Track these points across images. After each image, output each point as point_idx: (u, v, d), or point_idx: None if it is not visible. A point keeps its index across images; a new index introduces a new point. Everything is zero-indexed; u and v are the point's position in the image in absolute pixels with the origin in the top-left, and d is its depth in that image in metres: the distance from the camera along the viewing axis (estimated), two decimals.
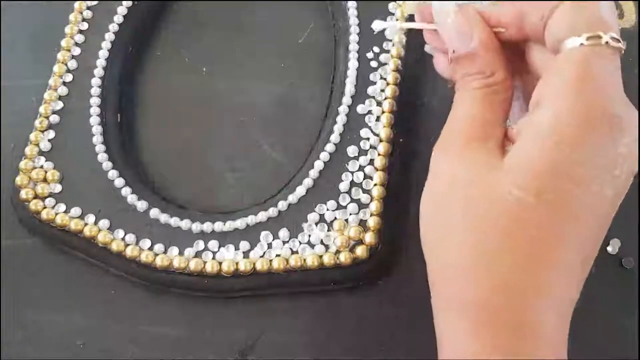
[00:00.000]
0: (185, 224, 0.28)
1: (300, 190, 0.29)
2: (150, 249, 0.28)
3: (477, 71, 0.22)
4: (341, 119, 0.30)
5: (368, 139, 0.30)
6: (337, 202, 0.29)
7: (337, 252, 0.28)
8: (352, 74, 0.31)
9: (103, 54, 0.32)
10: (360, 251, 0.27)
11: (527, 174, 0.19)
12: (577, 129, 0.19)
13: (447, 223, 0.21)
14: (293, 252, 0.28)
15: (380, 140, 0.30)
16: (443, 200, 0.21)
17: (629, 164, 0.20)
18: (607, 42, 0.20)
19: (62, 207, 0.29)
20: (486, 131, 0.21)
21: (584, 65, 0.20)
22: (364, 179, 0.29)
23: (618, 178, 0.20)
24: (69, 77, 0.32)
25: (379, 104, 0.31)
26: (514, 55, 0.23)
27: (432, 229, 0.22)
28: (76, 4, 0.33)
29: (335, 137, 0.30)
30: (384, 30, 0.29)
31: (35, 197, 0.29)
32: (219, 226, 0.28)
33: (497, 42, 0.22)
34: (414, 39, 0.33)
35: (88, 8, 0.33)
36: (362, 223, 0.28)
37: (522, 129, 0.21)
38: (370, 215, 0.28)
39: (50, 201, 0.29)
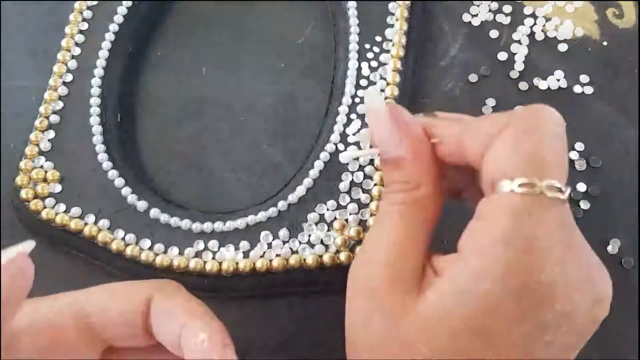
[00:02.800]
0: (185, 224, 0.28)
1: (300, 190, 0.29)
2: (150, 249, 0.28)
3: (402, 180, 0.21)
4: (341, 119, 0.30)
5: None
6: (337, 202, 0.29)
7: (337, 252, 0.28)
8: (352, 74, 0.31)
9: (103, 54, 0.32)
10: None
11: (436, 334, 0.18)
12: (492, 295, 0.17)
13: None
14: (293, 252, 0.28)
15: None
16: (352, 337, 0.21)
17: (568, 327, 0.18)
18: (541, 192, 0.18)
19: (62, 207, 0.29)
20: (404, 267, 0.20)
21: (513, 219, 0.18)
22: (364, 179, 0.29)
23: (551, 343, 0.18)
24: (69, 77, 0.32)
25: None
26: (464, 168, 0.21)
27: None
28: (76, 4, 0.33)
29: (335, 137, 0.30)
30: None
31: (35, 197, 0.29)
32: (219, 226, 0.28)
33: (429, 155, 0.21)
34: (414, 39, 0.33)
35: (88, 8, 0.33)
36: (362, 223, 0.28)
37: (442, 276, 0.19)
38: (370, 215, 0.28)
39: (50, 201, 0.29)
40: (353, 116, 0.30)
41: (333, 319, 0.28)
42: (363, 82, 0.31)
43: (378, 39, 0.32)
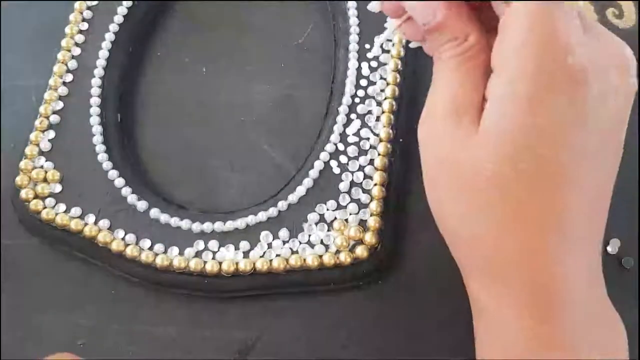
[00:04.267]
0: (185, 224, 0.28)
1: (300, 190, 0.29)
2: (150, 249, 0.28)
3: (449, 39, 0.21)
4: (341, 119, 0.30)
5: (368, 139, 0.30)
6: (337, 202, 0.29)
7: (337, 252, 0.28)
8: (352, 74, 0.31)
9: (103, 54, 0.32)
10: (360, 251, 0.27)
11: (497, 146, 0.19)
12: (532, 90, 0.18)
13: (439, 198, 0.21)
14: (293, 252, 0.28)
15: (380, 140, 0.30)
16: (432, 176, 0.21)
17: (616, 99, 0.19)
18: None
19: (62, 207, 0.29)
20: (462, 104, 0.20)
21: (531, 16, 0.19)
22: (364, 179, 0.29)
23: (604, 117, 0.19)
24: (69, 77, 0.32)
25: (379, 104, 0.31)
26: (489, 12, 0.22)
27: (431, 204, 0.22)
28: (76, 4, 0.33)
29: (335, 137, 0.30)
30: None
31: (35, 197, 0.29)
32: (219, 226, 0.28)
33: (464, 5, 0.21)
34: None
35: (88, 8, 0.33)
36: (362, 223, 0.28)
37: (487, 97, 0.20)
38: (370, 215, 0.28)
39: (50, 201, 0.29)
40: (353, 116, 0.30)
41: (333, 319, 0.28)
42: (363, 82, 0.31)
43: (378, 39, 0.32)
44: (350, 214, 0.28)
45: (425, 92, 0.33)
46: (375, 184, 0.29)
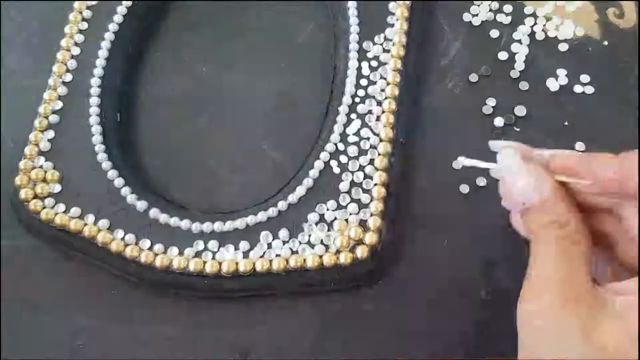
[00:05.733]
0: (185, 224, 0.28)
1: (300, 190, 0.29)
2: (150, 249, 0.28)
3: (552, 220, 0.21)
4: (341, 119, 0.30)
5: (368, 138, 0.30)
6: (337, 202, 0.29)
7: (337, 252, 0.28)
8: (352, 73, 0.31)
9: (103, 54, 0.32)
10: (361, 251, 0.27)
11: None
12: None
13: None
14: (293, 252, 0.28)
15: (380, 140, 0.30)
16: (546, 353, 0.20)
17: None
18: None
19: (61, 207, 0.29)
20: (577, 291, 0.20)
21: None
22: (364, 179, 0.29)
23: None
24: (68, 77, 0.32)
25: (379, 103, 0.31)
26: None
27: None
28: (76, 4, 0.33)
29: (335, 137, 0.30)
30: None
31: (35, 197, 0.29)
32: (219, 226, 0.28)
33: (564, 192, 0.22)
34: (414, 38, 0.33)
35: (88, 8, 0.33)
36: (362, 223, 0.28)
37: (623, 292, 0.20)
38: (371, 215, 0.28)
39: (49, 201, 0.29)
40: (353, 116, 0.30)
41: (333, 319, 0.28)
42: (363, 82, 0.31)
43: (378, 38, 0.32)
44: (350, 214, 0.28)
45: (426, 92, 0.33)
46: (376, 184, 0.29)
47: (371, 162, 0.29)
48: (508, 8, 0.35)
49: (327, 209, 0.28)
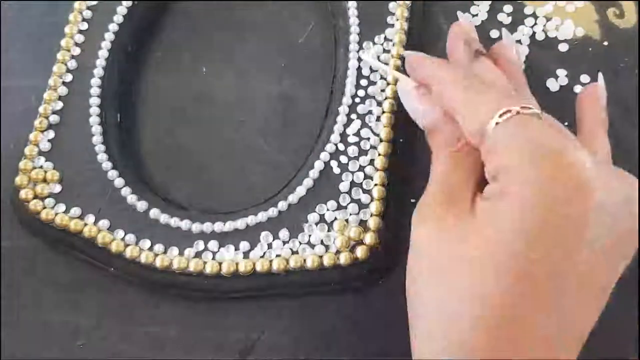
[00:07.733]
0: (185, 224, 0.28)
1: (300, 190, 0.29)
2: (150, 249, 0.28)
3: (444, 141, 0.24)
4: (341, 119, 0.30)
5: (368, 139, 0.30)
6: (337, 202, 0.29)
7: (337, 252, 0.28)
8: (352, 74, 0.31)
9: (103, 54, 0.32)
10: (361, 252, 0.27)
11: (497, 249, 0.19)
12: (535, 200, 0.19)
13: (415, 279, 0.22)
14: (293, 253, 0.28)
15: (381, 140, 0.30)
16: (416, 258, 0.22)
17: (609, 221, 0.20)
18: (517, 112, 0.21)
19: (61, 207, 0.29)
20: (454, 196, 0.22)
21: (520, 134, 0.20)
22: (364, 179, 0.29)
23: (593, 241, 0.19)
24: (69, 77, 0.32)
25: (379, 104, 0.31)
26: None
27: (409, 284, 0.23)
28: (76, 4, 0.33)
29: (335, 137, 0.30)
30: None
31: (35, 197, 0.29)
32: (219, 226, 0.28)
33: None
34: (414, 39, 0.33)
35: (88, 8, 0.33)
36: (363, 223, 0.28)
37: (483, 195, 0.21)
38: (371, 216, 0.28)
39: (49, 201, 0.29)
40: (353, 116, 0.30)
41: (333, 319, 0.28)
42: (363, 82, 0.31)
43: (378, 39, 0.32)
44: (350, 215, 0.28)
45: None
46: (376, 185, 0.29)
47: (371, 162, 0.29)
48: (508, 8, 0.35)
49: (328, 209, 0.28)
